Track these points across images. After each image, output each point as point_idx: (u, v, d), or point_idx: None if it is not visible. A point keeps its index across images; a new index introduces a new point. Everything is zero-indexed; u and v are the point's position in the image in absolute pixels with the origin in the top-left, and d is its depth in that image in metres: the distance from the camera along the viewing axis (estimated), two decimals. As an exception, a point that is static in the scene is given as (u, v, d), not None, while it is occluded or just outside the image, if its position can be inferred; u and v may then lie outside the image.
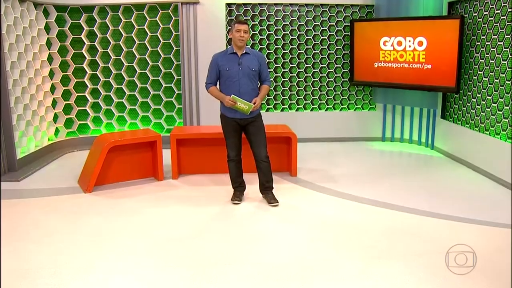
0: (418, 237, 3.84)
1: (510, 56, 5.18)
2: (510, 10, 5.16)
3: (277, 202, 4.61)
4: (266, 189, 4.70)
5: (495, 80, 5.46)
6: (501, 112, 5.36)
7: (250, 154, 4.72)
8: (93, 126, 7.17)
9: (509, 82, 5.20)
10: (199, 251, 3.62)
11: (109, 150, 5.00)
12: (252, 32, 7.06)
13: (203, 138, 5.52)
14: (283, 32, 7.13)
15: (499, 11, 5.37)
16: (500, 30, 5.35)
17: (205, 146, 5.58)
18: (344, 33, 7.20)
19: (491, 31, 5.53)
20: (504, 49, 5.28)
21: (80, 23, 6.79)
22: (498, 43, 5.39)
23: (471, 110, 6.01)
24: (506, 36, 5.25)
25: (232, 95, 4.33)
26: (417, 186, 5.22)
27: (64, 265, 3.38)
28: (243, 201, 4.71)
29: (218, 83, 4.57)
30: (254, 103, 4.36)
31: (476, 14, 5.84)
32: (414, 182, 5.37)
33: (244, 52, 4.43)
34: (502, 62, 5.32)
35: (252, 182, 5.02)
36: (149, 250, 3.63)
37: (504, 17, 5.27)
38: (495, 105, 5.47)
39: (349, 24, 7.10)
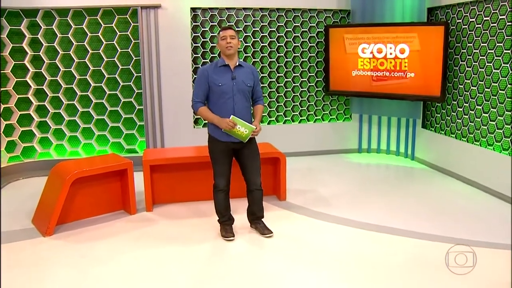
0: (441, 269, 3.43)
1: (503, 65, 4.96)
2: (501, 17, 4.95)
3: (271, 232, 4.10)
4: (258, 218, 4.19)
5: (486, 90, 5.24)
6: (493, 123, 5.14)
7: (235, 179, 4.18)
8: (41, 148, 6.22)
9: (503, 92, 4.99)
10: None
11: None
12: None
13: (180, 163, 4.84)
14: (253, 39, 6.57)
15: (488, 18, 5.15)
16: (490, 38, 5.13)
17: (180, 171, 4.89)
18: (317, 40, 6.76)
19: (479, 38, 5.30)
20: (495, 58, 5.06)
21: (21, 30, 5.84)
22: (489, 51, 5.16)
23: (457, 120, 5.77)
24: (497, 44, 5.03)
25: (232, 116, 3.72)
26: (415, 204, 4.89)
27: None
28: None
29: (207, 101, 3.93)
30: (256, 127, 3.81)
31: (460, 20, 5.61)
32: (410, 199, 5.05)
33: (237, 64, 3.84)
34: (493, 71, 5.10)
35: (237, 211, 4.43)
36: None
37: (495, 24, 5.05)
38: (487, 115, 5.24)
39: (322, 30, 6.67)
